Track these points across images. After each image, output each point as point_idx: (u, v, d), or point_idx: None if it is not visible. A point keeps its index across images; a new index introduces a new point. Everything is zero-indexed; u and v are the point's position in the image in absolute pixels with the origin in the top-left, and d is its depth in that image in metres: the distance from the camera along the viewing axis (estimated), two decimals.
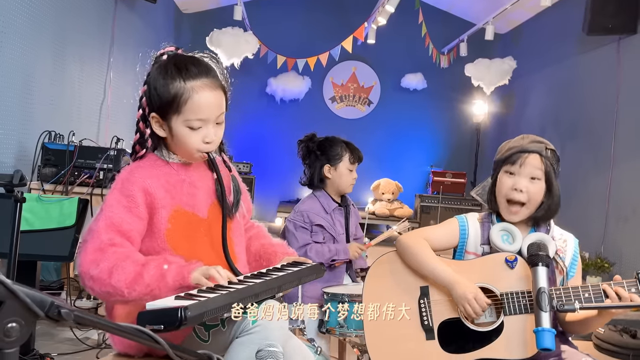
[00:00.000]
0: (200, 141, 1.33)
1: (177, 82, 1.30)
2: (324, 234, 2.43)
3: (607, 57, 5.02)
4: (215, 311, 1.06)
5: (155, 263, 1.21)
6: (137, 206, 1.29)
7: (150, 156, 1.39)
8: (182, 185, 1.36)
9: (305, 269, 1.39)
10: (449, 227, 1.68)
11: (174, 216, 1.33)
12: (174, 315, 0.97)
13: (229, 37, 5.72)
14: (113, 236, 1.25)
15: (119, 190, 1.31)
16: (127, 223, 1.27)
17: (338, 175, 2.47)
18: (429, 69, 7.13)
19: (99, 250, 1.22)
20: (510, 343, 1.45)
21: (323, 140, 2.52)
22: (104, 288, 1.20)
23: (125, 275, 1.19)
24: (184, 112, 1.31)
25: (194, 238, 1.35)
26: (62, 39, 3.67)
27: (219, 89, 1.35)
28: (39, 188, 2.98)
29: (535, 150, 1.59)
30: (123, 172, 1.36)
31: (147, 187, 1.31)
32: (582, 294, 1.40)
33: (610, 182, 4.84)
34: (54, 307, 0.68)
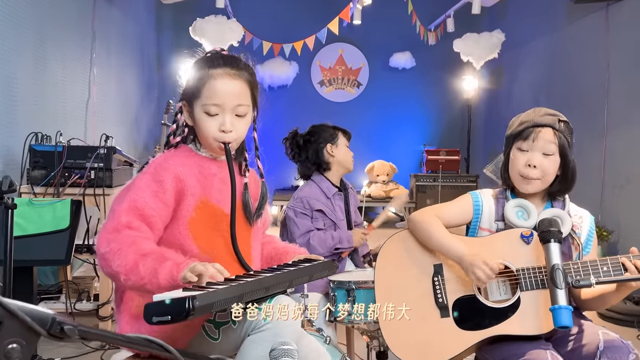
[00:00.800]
0: (216, 128, 1.35)
1: (202, 70, 1.38)
2: (325, 220, 2.39)
3: (596, 24, 4.98)
4: (224, 302, 1.03)
5: (153, 257, 1.20)
6: (164, 192, 1.30)
7: (185, 147, 1.43)
8: (213, 179, 1.39)
9: (318, 265, 1.36)
10: (462, 204, 1.65)
11: (199, 207, 1.34)
12: (182, 305, 0.94)
13: (213, 26, 5.61)
14: (132, 219, 1.26)
15: (151, 174, 1.32)
16: (150, 208, 1.28)
17: (340, 151, 2.46)
18: (416, 47, 7.06)
19: (115, 231, 1.24)
20: (527, 319, 1.43)
21: (310, 129, 2.50)
22: (108, 269, 1.23)
23: (125, 262, 1.19)
24: (202, 96, 1.36)
25: (215, 231, 1.36)
26: (42, 38, 3.57)
27: (242, 79, 1.39)
28: (29, 192, 2.91)
29: (547, 124, 1.55)
30: (158, 157, 1.38)
31: (179, 174, 1.33)
32: (601, 268, 1.37)
33: (605, 151, 4.83)
34: (56, 324, 0.64)
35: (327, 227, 2.40)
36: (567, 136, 1.57)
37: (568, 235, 1.53)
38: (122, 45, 5.32)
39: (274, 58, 6.82)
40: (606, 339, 1.36)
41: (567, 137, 1.57)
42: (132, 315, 1.30)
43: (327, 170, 2.46)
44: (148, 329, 1.14)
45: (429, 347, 1.50)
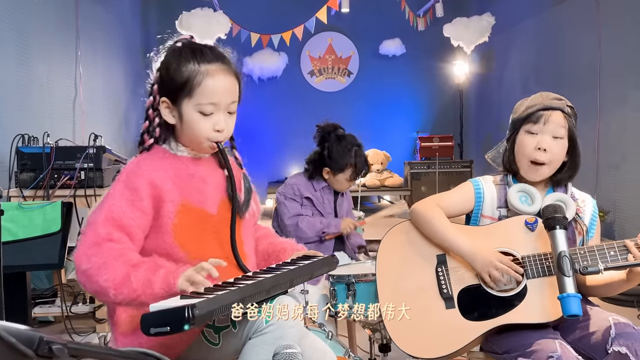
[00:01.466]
0: (210, 128, 1.28)
1: (191, 65, 1.27)
2: (312, 210, 2.42)
3: (586, 4, 4.94)
4: (224, 309, 0.99)
5: (146, 266, 1.14)
6: (141, 200, 1.23)
7: (158, 149, 1.33)
8: (191, 180, 1.31)
9: (317, 262, 1.31)
10: (463, 192, 1.61)
11: (181, 211, 1.27)
12: (181, 314, 0.90)
13: (199, 19, 5.53)
14: (111, 230, 1.19)
15: (124, 182, 1.25)
16: (128, 217, 1.21)
17: (334, 180, 2.47)
18: (406, 33, 7.01)
19: (94, 245, 1.17)
20: (534, 307, 1.40)
21: (338, 141, 2.42)
22: (93, 285, 1.15)
23: (114, 275, 1.12)
24: (196, 95, 1.27)
25: (201, 235, 1.29)
26: (24, 38, 3.49)
27: (233, 76, 1.32)
28: (18, 195, 2.84)
29: (557, 107, 1.52)
30: (129, 164, 1.30)
31: (153, 179, 1.25)
32: (608, 253, 1.34)
33: (598, 131, 4.81)
34: (44, 344, 0.59)
35: (315, 216, 2.43)
36: (574, 120, 1.54)
37: (572, 220, 1.50)
38: (107, 42, 5.23)
39: (262, 49, 6.75)
40: (617, 325, 1.33)
41: (574, 122, 1.54)
42: (127, 325, 1.24)
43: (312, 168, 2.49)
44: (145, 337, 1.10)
45: (435, 340, 1.47)
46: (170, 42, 1.34)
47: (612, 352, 1.29)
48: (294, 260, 1.34)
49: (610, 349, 1.29)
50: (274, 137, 7.13)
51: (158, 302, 1.01)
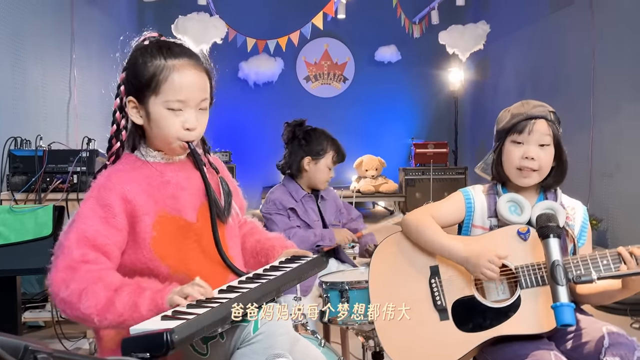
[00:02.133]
0: (180, 126, 1.22)
1: (157, 60, 1.21)
2: (298, 221, 2.36)
3: (581, 13, 4.97)
4: (206, 329, 0.96)
5: (128, 289, 1.09)
6: (114, 216, 1.17)
7: (128, 157, 1.27)
8: (166, 187, 1.24)
9: (305, 265, 1.28)
10: (454, 202, 1.60)
11: (159, 222, 1.21)
12: (159, 340, 0.87)
13: (195, 23, 5.52)
14: (86, 251, 1.13)
15: (95, 198, 1.19)
16: (102, 236, 1.15)
17: (316, 170, 2.38)
18: (402, 40, 7.04)
19: (69, 269, 1.10)
20: (528, 317, 1.39)
21: (311, 130, 2.42)
22: (74, 312, 1.09)
23: (96, 301, 1.07)
24: (163, 91, 1.20)
25: (183, 244, 1.23)
26: (19, 40, 3.47)
27: (203, 71, 1.25)
28: (9, 199, 2.82)
29: (540, 115, 1.52)
30: (100, 177, 1.23)
31: (125, 193, 1.19)
32: (601, 262, 1.33)
33: (592, 139, 4.84)
34: (29, 353, 0.58)
35: (302, 228, 2.36)
36: (558, 126, 1.54)
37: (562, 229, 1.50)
38: (103, 45, 5.21)
39: (258, 55, 6.76)
40: (611, 335, 1.33)
41: (558, 127, 1.55)
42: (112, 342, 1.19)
43: (297, 177, 2.42)
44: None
45: (429, 352, 1.46)
46: (137, 40, 1.29)
47: None
48: (282, 262, 1.30)
49: (604, 358, 1.29)
50: (269, 141, 7.10)
51: (139, 324, 0.97)
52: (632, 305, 3.46)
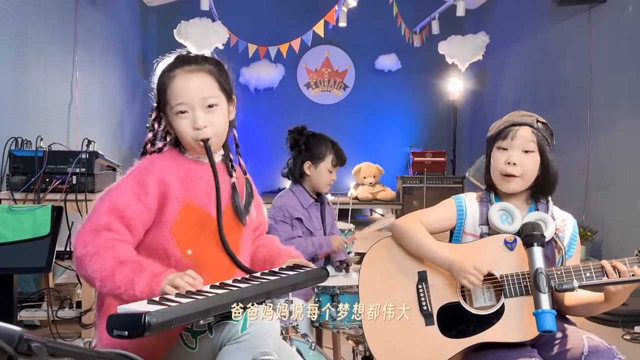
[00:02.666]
0: (190, 127, 1.33)
1: (162, 76, 1.37)
2: (302, 229, 2.41)
3: (579, 26, 5.03)
4: (184, 319, 0.99)
5: (131, 266, 1.18)
6: (147, 194, 1.28)
7: (172, 151, 1.41)
8: (199, 182, 1.36)
9: (303, 274, 1.31)
10: (445, 209, 1.64)
11: (184, 209, 1.31)
12: (137, 321, 0.92)
13: (197, 29, 5.58)
14: (112, 220, 1.23)
15: (135, 176, 1.31)
16: (131, 210, 1.25)
17: (317, 173, 2.44)
18: (402, 49, 7.09)
19: (93, 232, 1.21)
20: (511, 325, 1.42)
21: (312, 135, 2.47)
22: (82, 272, 1.20)
23: (102, 267, 1.17)
24: (169, 100, 1.35)
25: (201, 234, 1.33)
26: (22, 41, 3.51)
27: (203, 73, 1.36)
28: (9, 198, 2.85)
29: (525, 122, 1.56)
30: (144, 160, 1.37)
31: (164, 176, 1.31)
32: (584, 273, 1.36)
33: (588, 151, 4.88)
34: (23, 342, 0.62)
35: (304, 235, 2.41)
36: (546, 136, 1.57)
37: (551, 239, 1.53)
38: (105, 48, 5.26)
39: (259, 60, 6.81)
40: (590, 344, 1.36)
41: (547, 137, 1.58)
42: None
43: (301, 182, 2.48)
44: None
45: (414, 356, 1.49)
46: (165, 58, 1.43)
47: None
48: (282, 269, 1.35)
49: None
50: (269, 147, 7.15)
51: (127, 305, 1.02)
52: (624, 317, 3.48)
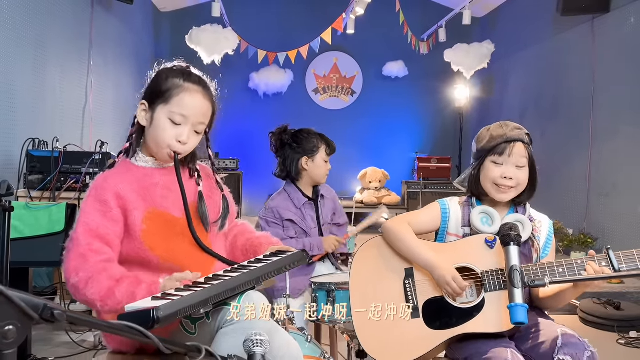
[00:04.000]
0: (174, 137, 1.41)
1: (177, 79, 1.43)
2: (295, 229, 2.46)
3: (583, 36, 5.11)
4: (188, 309, 1.10)
5: (128, 281, 1.27)
6: (111, 210, 1.36)
7: (123, 163, 1.47)
8: (155, 188, 1.43)
9: (286, 258, 1.43)
10: (431, 211, 1.75)
11: (148, 217, 1.39)
12: (147, 316, 1.02)
13: (209, 35, 5.72)
14: (91, 241, 1.31)
15: (94, 197, 1.38)
16: (103, 227, 1.34)
17: (315, 166, 2.50)
18: (409, 56, 7.19)
19: (80, 257, 1.30)
20: (489, 318, 1.52)
21: (297, 132, 2.53)
22: (81, 297, 1.28)
23: (99, 289, 1.25)
24: (171, 103, 1.41)
25: (170, 237, 1.41)
26: (41, 46, 3.67)
27: (209, 101, 1.46)
28: (26, 196, 3.00)
29: (518, 138, 1.65)
30: (97, 179, 1.43)
31: (119, 191, 1.38)
32: (557, 269, 1.46)
33: (590, 159, 4.95)
34: (47, 310, 0.73)
35: (299, 235, 2.46)
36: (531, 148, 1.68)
37: (529, 239, 1.63)
38: (119, 53, 5.42)
39: (269, 66, 6.94)
40: (564, 336, 1.45)
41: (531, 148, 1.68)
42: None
43: (297, 180, 2.52)
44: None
45: (400, 346, 1.59)
46: (168, 64, 1.50)
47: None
48: (267, 256, 1.46)
49: (557, 357, 1.42)
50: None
51: (133, 303, 1.12)
52: (619, 322, 3.55)
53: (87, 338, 3.08)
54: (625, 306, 3.71)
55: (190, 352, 0.94)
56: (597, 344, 3.65)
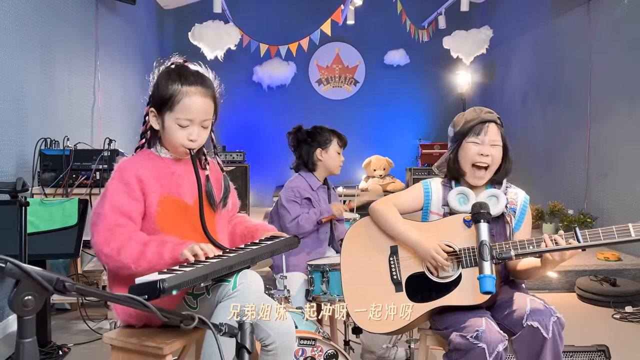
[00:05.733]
0: (185, 138, 1.58)
1: (176, 85, 1.57)
2: (309, 207, 2.67)
3: (579, 19, 5.16)
4: (190, 282, 1.26)
5: (155, 242, 1.46)
6: (133, 191, 1.54)
7: (145, 151, 1.64)
8: (171, 176, 1.60)
9: (278, 242, 1.60)
10: (414, 192, 1.89)
11: (163, 201, 1.57)
12: (154, 286, 1.18)
13: (211, 31, 5.84)
14: (117, 217, 1.50)
15: (118, 179, 1.56)
16: (127, 205, 1.52)
17: (329, 157, 2.71)
18: (410, 44, 7.26)
19: (108, 231, 1.48)
20: (465, 292, 1.66)
21: (311, 129, 2.76)
22: (115, 263, 1.47)
23: (131, 253, 1.44)
24: (176, 110, 1.56)
25: (180, 220, 1.59)
26: (48, 48, 3.82)
27: (210, 97, 1.61)
28: (40, 193, 3.17)
29: (491, 119, 1.79)
30: (121, 163, 1.60)
31: (139, 174, 1.55)
32: (527, 246, 1.58)
33: (589, 140, 5.02)
34: (59, 282, 0.87)
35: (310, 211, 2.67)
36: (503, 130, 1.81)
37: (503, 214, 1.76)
38: (125, 52, 5.57)
39: (271, 59, 7.05)
40: (532, 305, 1.58)
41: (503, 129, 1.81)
42: None
43: (314, 170, 2.74)
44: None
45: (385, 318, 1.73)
46: (166, 63, 1.65)
47: (526, 325, 1.54)
48: (262, 240, 1.63)
49: (525, 323, 1.55)
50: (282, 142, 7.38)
51: (142, 277, 1.28)
52: (615, 298, 3.65)
53: (104, 326, 3.25)
54: (621, 282, 3.80)
55: (185, 319, 1.08)
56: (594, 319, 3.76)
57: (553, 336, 1.51)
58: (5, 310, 3.19)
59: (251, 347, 1.15)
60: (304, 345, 1.91)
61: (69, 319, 3.45)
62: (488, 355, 1.47)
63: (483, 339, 1.49)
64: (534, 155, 5.92)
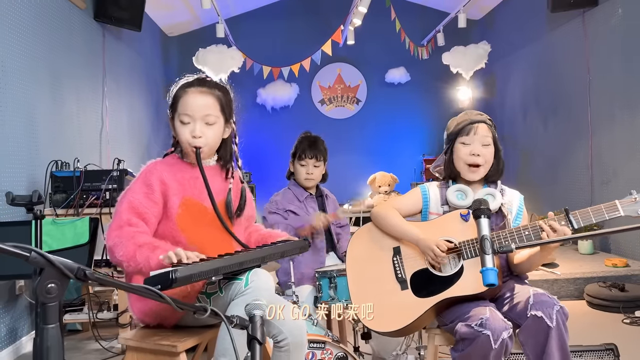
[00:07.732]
0: (189, 134, 1.65)
1: (179, 89, 1.70)
2: (296, 218, 2.64)
3: (575, 30, 5.25)
4: (201, 274, 1.31)
5: (147, 247, 1.51)
6: (153, 192, 1.62)
7: (172, 157, 1.75)
8: (194, 181, 1.68)
9: (288, 244, 1.66)
10: (413, 196, 1.96)
11: (184, 203, 1.65)
12: (167, 276, 1.24)
13: (214, 55, 5.98)
14: (131, 217, 1.57)
15: (142, 179, 1.65)
16: (143, 206, 1.60)
17: (295, 170, 2.72)
18: (410, 62, 7.38)
19: (118, 228, 1.56)
20: (467, 282, 1.70)
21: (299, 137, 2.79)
22: (114, 258, 1.55)
23: (126, 252, 1.51)
24: (177, 108, 1.67)
25: (200, 222, 1.66)
26: (57, 75, 3.94)
27: (210, 95, 1.69)
28: (52, 213, 3.23)
29: (481, 120, 1.86)
30: (148, 165, 1.70)
31: (163, 178, 1.64)
32: (523, 232, 1.64)
33: (591, 149, 5.06)
34: (80, 270, 0.93)
35: None
36: (495, 130, 1.87)
37: (500, 211, 1.81)
38: (131, 78, 5.70)
39: (274, 81, 7.18)
40: (535, 295, 1.62)
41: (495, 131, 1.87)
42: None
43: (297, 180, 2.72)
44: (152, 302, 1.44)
45: (393, 316, 1.77)
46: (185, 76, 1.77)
47: (531, 316, 1.57)
48: (273, 242, 1.69)
49: (530, 313, 1.58)
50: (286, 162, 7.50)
51: (157, 270, 1.34)
52: (624, 303, 3.65)
53: (115, 345, 3.28)
54: (629, 287, 3.80)
55: (198, 310, 1.12)
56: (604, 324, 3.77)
57: (557, 325, 1.54)
58: (17, 331, 3.23)
59: (262, 339, 1.19)
60: (313, 349, 1.94)
61: (81, 339, 3.49)
62: (493, 343, 1.50)
63: (487, 326, 1.53)
64: (538, 167, 5.96)
